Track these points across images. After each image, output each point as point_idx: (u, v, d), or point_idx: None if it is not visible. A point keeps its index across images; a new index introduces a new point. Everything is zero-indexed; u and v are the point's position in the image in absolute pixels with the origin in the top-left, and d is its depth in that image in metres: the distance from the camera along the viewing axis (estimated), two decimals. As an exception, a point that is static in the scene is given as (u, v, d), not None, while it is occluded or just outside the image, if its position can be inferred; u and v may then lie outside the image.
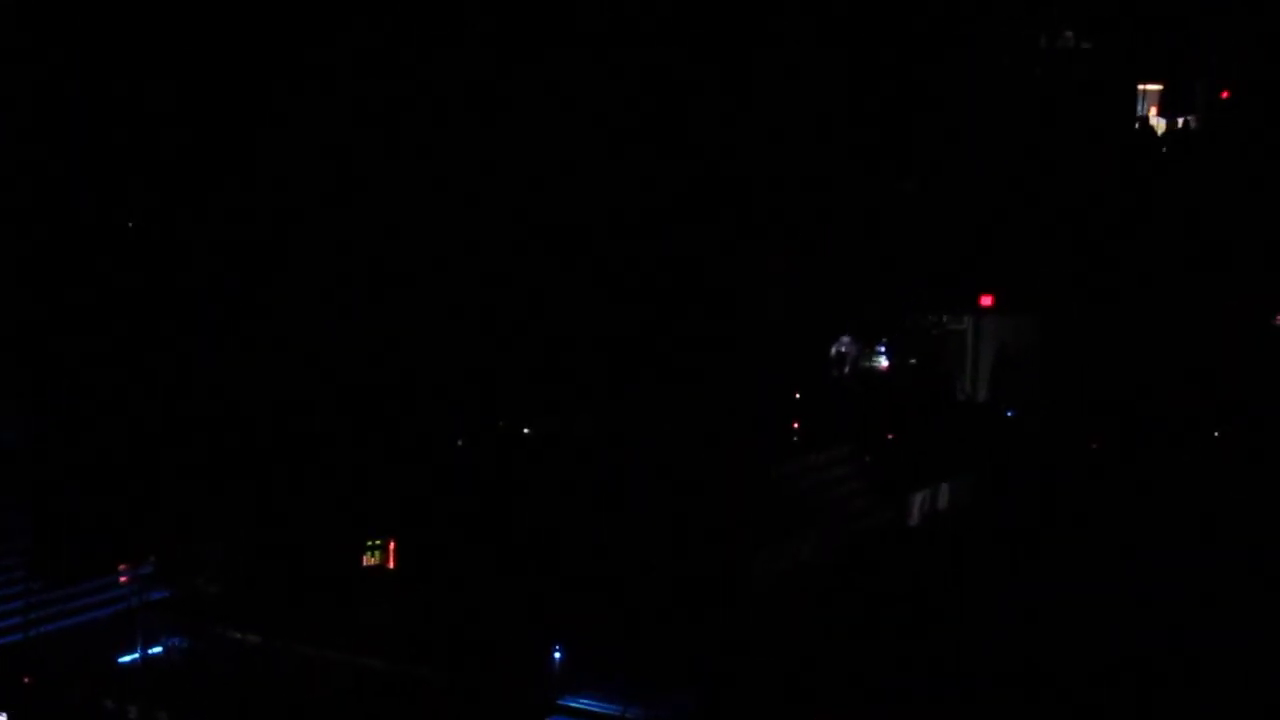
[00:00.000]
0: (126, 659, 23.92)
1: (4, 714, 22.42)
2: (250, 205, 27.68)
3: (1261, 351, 36.14)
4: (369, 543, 25.15)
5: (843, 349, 34.66)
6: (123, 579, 25.30)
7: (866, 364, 35.47)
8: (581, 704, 21.67)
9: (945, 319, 37.30)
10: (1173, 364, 34.67)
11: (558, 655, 22.28)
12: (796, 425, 31.21)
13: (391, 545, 25.24)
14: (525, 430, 28.24)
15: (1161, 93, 42.58)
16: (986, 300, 36.27)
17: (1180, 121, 42.53)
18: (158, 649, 24.04)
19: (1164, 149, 41.72)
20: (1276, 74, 39.99)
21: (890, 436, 32.08)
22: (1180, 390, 34.10)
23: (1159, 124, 42.79)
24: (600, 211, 30.31)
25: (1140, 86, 42.60)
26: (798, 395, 32.27)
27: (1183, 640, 23.14)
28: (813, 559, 26.68)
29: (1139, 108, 42.60)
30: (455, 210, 28.70)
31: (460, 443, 27.53)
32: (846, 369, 34.77)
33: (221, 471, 25.35)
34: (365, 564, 25.18)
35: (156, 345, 26.32)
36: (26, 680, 22.89)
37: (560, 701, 21.74)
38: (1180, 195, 38.78)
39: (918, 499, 29.97)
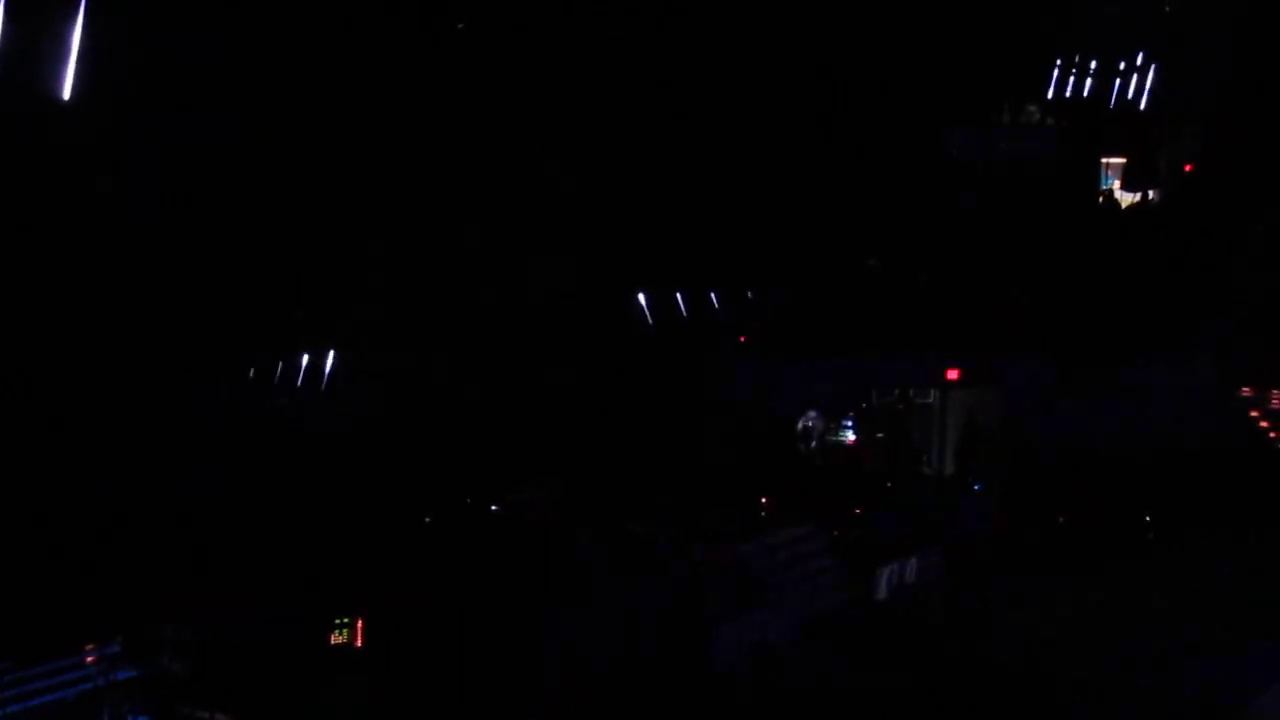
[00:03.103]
0: (93, 740, 23.80)
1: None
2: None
3: (1226, 424, 36.53)
4: (337, 621, 25.10)
5: (809, 424, 34.85)
6: (89, 659, 25.15)
7: (833, 439, 35.71)
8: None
9: (912, 392, 37.59)
10: (1136, 435, 35.01)
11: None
12: (765, 501, 31.35)
13: (359, 624, 25.20)
14: (493, 508, 28.35)
15: (1124, 166, 43.21)
16: (953, 374, 36.58)
17: (1144, 195, 43.16)
18: (124, 729, 23.92)
19: (1128, 222, 42.27)
20: (1241, 144, 40.66)
21: (858, 511, 32.21)
22: (1142, 463, 34.42)
23: (1124, 198, 43.38)
24: (560, 288, 30.54)
25: (1104, 160, 43.24)
26: (764, 472, 32.44)
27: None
28: (779, 636, 26.73)
29: (1103, 181, 43.22)
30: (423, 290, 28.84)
31: (428, 520, 27.60)
32: (813, 444, 34.95)
33: (188, 550, 25.30)
34: (333, 642, 25.13)
35: (122, 421, 26.14)
36: (-10, 765, 22.74)
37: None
38: (1145, 267, 39.27)
39: (885, 573, 30.03)
